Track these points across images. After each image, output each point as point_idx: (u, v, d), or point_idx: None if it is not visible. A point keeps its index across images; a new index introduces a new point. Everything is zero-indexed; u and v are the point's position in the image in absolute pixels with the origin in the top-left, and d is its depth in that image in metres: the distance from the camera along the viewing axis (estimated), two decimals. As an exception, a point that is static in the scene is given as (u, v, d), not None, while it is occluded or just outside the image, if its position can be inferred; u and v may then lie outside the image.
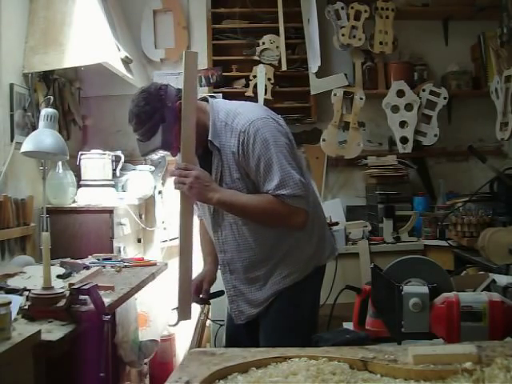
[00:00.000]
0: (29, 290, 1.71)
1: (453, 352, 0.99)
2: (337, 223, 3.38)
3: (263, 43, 3.65)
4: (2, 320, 1.31)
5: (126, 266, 2.45)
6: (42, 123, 2.48)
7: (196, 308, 3.39)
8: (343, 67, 3.76)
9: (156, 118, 1.74)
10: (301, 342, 1.42)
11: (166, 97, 1.75)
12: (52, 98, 2.78)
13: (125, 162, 3.25)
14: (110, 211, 2.88)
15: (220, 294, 2.01)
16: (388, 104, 3.58)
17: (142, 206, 3.52)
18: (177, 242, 3.81)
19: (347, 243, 3.33)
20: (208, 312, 3.28)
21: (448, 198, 3.56)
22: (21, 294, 1.73)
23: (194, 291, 1.91)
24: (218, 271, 2.01)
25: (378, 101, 3.62)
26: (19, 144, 2.54)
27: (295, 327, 1.86)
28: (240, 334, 1.99)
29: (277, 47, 3.64)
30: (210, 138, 1.76)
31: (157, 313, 3.16)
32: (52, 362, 1.47)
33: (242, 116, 1.77)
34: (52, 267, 1.78)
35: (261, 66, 3.63)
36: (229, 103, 1.88)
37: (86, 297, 1.60)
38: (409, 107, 3.57)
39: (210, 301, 2.03)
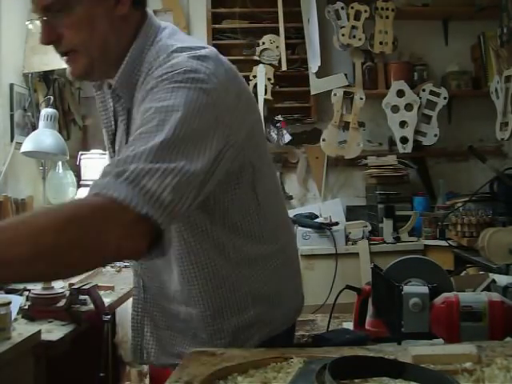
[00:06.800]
0: (29, 290, 1.72)
1: (453, 352, 0.98)
2: (337, 223, 3.37)
3: (263, 43, 3.65)
4: (2, 320, 1.31)
5: (126, 266, 2.44)
6: (42, 123, 2.48)
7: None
8: (343, 67, 3.75)
9: None
10: None
11: None
12: (52, 98, 2.78)
13: (125, 162, 3.25)
14: (110, 211, 2.87)
15: None
16: (388, 104, 3.58)
17: (141, 206, 3.51)
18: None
19: (347, 243, 3.32)
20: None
21: (448, 197, 3.56)
22: (21, 294, 1.73)
23: None
24: None
25: (378, 101, 3.61)
26: (19, 144, 2.54)
27: None
28: None
29: (277, 47, 3.64)
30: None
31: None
32: (52, 361, 1.47)
33: None
34: (52, 267, 1.78)
35: (261, 65, 3.63)
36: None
37: (86, 297, 1.61)
38: (409, 107, 3.57)
39: None
